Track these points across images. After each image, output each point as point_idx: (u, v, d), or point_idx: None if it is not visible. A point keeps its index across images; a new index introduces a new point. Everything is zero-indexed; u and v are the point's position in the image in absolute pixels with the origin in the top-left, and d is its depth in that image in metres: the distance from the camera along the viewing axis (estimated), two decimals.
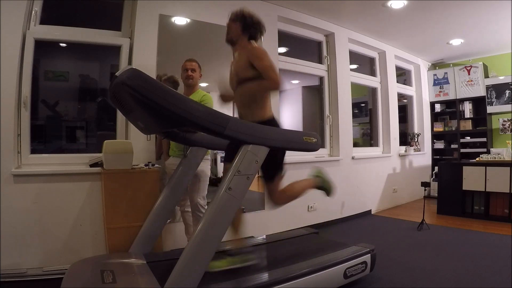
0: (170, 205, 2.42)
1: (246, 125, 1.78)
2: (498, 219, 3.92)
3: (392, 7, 3.79)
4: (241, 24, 2.06)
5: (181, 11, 3.08)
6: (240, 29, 2.06)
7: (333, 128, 4.35)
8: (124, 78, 1.45)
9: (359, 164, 4.55)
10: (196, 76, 2.68)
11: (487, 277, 2.32)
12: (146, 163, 2.61)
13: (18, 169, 2.43)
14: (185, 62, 2.69)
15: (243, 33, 2.07)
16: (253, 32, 2.08)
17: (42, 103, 2.81)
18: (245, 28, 2.06)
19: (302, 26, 4.10)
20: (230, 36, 2.09)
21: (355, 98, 4.95)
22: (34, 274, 2.36)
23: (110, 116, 2.96)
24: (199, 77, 2.73)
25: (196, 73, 2.68)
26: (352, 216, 4.36)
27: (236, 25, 2.07)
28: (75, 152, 2.93)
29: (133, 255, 2.15)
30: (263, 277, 1.89)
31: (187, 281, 1.55)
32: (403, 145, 5.60)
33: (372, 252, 2.33)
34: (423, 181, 3.82)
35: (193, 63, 2.68)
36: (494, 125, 5.57)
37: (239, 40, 2.07)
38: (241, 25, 2.06)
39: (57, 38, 2.71)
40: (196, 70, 2.69)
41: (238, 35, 2.07)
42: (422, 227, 3.66)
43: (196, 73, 2.68)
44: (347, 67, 4.53)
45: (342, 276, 2.12)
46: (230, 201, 1.66)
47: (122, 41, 2.86)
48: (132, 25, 2.89)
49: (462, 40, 4.94)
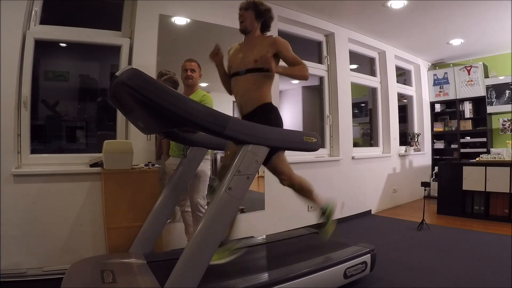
0: (170, 205, 2.42)
1: (246, 125, 1.78)
2: (498, 219, 3.92)
3: (392, 7, 3.79)
4: (254, 12, 2.10)
5: (181, 11, 3.08)
6: (254, 17, 2.10)
7: (333, 128, 4.35)
8: (124, 78, 1.45)
9: (359, 164, 4.55)
10: (195, 76, 2.68)
11: (487, 277, 2.32)
12: (146, 163, 2.61)
13: (18, 169, 2.43)
14: (185, 62, 2.68)
15: (257, 20, 2.12)
16: (267, 20, 2.14)
17: (42, 103, 2.81)
18: (258, 16, 2.11)
19: (302, 26, 4.10)
20: (245, 25, 2.12)
21: (355, 98, 4.95)
22: (34, 274, 2.36)
23: (110, 116, 2.96)
24: (199, 77, 2.72)
25: (196, 73, 2.68)
26: (352, 216, 4.36)
27: (249, 13, 2.10)
28: (75, 152, 2.93)
29: (133, 255, 2.15)
30: (263, 277, 1.89)
31: (187, 281, 1.55)
32: (403, 145, 5.60)
33: (372, 252, 2.33)
34: (423, 181, 3.82)
35: (192, 63, 2.68)
36: (494, 125, 5.57)
37: (254, 28, 2.13)
38: (255, 13, 2.10)
39: (57, 38, 2.71)
40: (196, 70, 2.68)
41: (252, 23, 2.11)
42: (422, 227, 3.66)
43: (195, 73, 2.67)
44: (347, 67, 4.53)
45: (342, 276, 2.12)
46: (230, 201, 1.66)
47: (122, 41, 2.86)
48: (132, 25, 2.89)
49: (462, 40, 4.94)
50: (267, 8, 2.14)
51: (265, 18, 2.14)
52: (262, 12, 2.11)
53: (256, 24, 2.13)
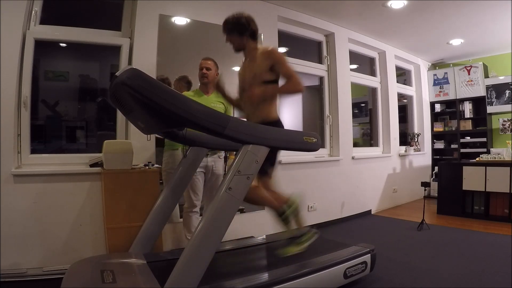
0: (170, 205, 2.42)
1: (246, 125, 1.78)
2: (498, 219, 3.92)
3: (392, 7, 3.79)
4: (237, 32, 2.11)
5: (181, 11, 3.08)
6: (239, 36, 2.12)
7: (333, 128, 4.35)
8: (124, 78, 1.45)
9: (359, 164, 4.55)
10: (211, 75, 2.67)
11: (487, 277, 2.32)
12: (146, 163, 2.61)
13: (18, 169, 2.42)
14: (201, 61, 2.69)
15: (244, 36, 2.12)
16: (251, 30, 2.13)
17: (42, 103, 2.81)
18: (243, 32, 2.11)
19: (302, 26, 4.10)
20: (236, 47, 2.17)
21: (355, 98, 4.95)
22: (34, 274, 2.36)
23: (110, 116, 2.96)
24: (216, 75, 2.70)
25: (212, 71, 2.67)
26: (352, 216, 4.36)
27: (234, 36, 2.13)
28: (75, 152, 2.93)
29: (133, 255, 2.15)
30: (263, 277, 1.89)
31: (187, 281, 1.55)
32: (403, 145, 5.60)
33: (372, 252, 2.33)
34: (423, 181, 3.82)
35: (208, 61, 2.68)
36: (494, 125, 5.57)
37: (246, 45, 2.15)
38: (238, 32, 2.11)
39: (57, 38, 2.71)
40: (212, 68, 2.67)
41: (241, 42, 2.14)
42: (422, 227, 3.66)
43: (211, 72, 2.67)
44: (347, 67, 4.53)
45: (342, 276, 2.12)
46: (230, 201, 1.66)
47: (122, 41, 2.86)
48: (132, 25, 2.89)
49: (462, 40, 4.94)
50: (246, 19, 2.12)
51: (248, 29, 2.12)
52: (243, 28, 2.10)
53: (244, 40, 2.14)
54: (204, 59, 2.69)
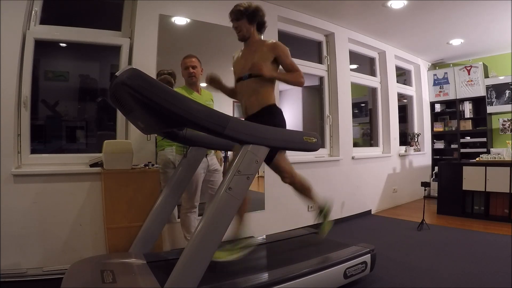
0: (170, 205, 2.42)
1: (246, 125, 1.78)
2: (498, 219, 3.92)
3: (392, 7, 3.79)
4: (246, 19, 2.13)
5: (181, 11, 3.08)
6: (248, 23, 2.14)
7: (333, 128, 4.35)
8: (124, 78, 1.45)
9: (359, 164, 4.55)
10: (198, 72, 2.64)
11: (487, 277, 2.32)
12: (146, 163, 2.60)
13: (18, 169, 2.42)
14: (184, 60, 2.64)
15: (252, 25, 2.16)
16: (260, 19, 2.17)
17: (42, 103, 2.81)
18: (251, 20, 2.14)
19: (302, 26, 4.10)
20: (242, 34, 2.17)
21: (355, 98, 4.95)
22: (34, 274, 2.36)
23: (110, 116, 2.95)
24: (201, 72, 2.67)
25: (198, 69, 2.64)
26: (352, 216, 4.36)
27: (242, 22, 2.13)
28: (75, 152, 2.92)
29: (133, 255, 2.15)
30: (263, 277, 1.89)
31: (187, 281, 1.55)
32: (403, 145, 5.60)
33: (372, 252, 2.33)
34: (423, 181, 3.82)
35: (192, 59, 2.64)
36: (494, 125, 5.57)
37: (251, 34, 2.17)
38: (247, 19, 2.13)
39: (57, 38, 2.71)
40: (197, 65, 2.64)
41: (248, 30, 2.16)
42: (422, 227, 3.66)
43: (197, 69, 2.64)
44: (347, 67, 4.53)
45: (342, 276, 2.12)
46: (230, 201, 1.65)
47: (122, 41, 2.86)
48: (132, 25, 2.88)
49: (462, 40, 4.94)
50: (256, 8, 2.15)
51: (258, 19, 2.16)
52: (254, 15, 2.13)
53: (252, 29, 2.17)
54: (188, 57, 2.64)
